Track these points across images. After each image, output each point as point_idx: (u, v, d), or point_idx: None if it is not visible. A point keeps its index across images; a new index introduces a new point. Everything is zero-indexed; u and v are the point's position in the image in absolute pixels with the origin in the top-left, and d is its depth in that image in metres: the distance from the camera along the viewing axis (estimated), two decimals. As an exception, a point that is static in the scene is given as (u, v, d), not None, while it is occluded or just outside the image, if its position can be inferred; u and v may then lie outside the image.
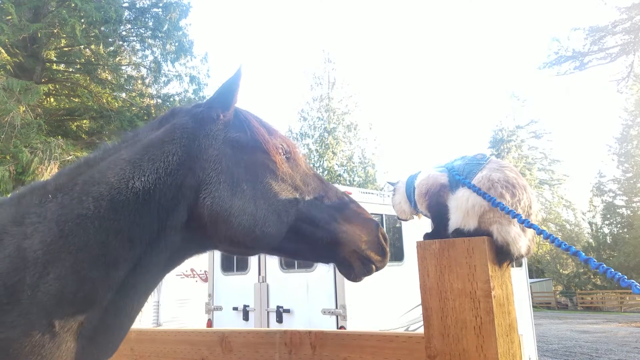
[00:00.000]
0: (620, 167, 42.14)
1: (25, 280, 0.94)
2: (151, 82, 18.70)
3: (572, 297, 38.79)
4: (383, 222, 6.63)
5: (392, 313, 6.27)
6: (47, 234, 1.00)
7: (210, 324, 7.34)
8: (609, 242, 41.51)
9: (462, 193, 1.17)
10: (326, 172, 32.28)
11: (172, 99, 17.93)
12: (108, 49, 17.24)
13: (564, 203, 49.69)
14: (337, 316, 5.79)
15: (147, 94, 18.59)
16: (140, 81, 18.77)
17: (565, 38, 24.16)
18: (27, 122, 12.85)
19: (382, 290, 6.22)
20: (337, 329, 5.55)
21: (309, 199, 1.33)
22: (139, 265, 1.10)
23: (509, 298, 1.13)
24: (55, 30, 14.88)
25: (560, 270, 45.47)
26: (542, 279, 43.25)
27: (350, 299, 5.77)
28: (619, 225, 41.64)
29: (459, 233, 1.14)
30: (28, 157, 12.25)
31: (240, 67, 1.30)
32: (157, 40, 17.61)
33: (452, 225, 1.17)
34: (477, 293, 1.06)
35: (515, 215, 1.03)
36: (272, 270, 6.76)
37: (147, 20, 17.64)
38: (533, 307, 10.72)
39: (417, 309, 6.29)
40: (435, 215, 1.26)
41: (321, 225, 1.31)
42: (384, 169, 35.69)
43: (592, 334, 18.21)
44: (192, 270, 10.92)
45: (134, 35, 18.16)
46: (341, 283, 5.80)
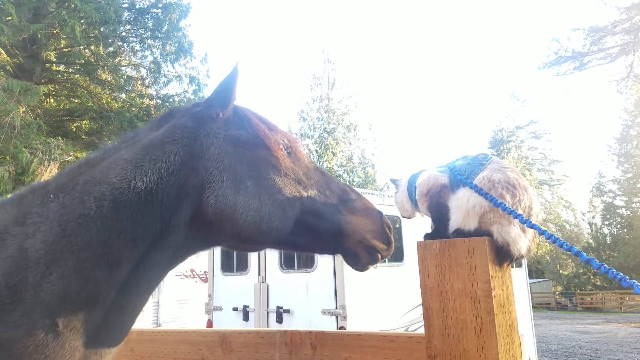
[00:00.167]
0: (620, 167, 42.18)
1: (27, 280, 0.95)
2: (151, 82, 18.69)
3: (572, 298, 38.80)
4: (383, 222, 6.61)
5: (392, 313, 6.27)
6: (49, 233, 1.00)
7: (210, 324, 7.33)
8: (608, 242, 41.53)
9: (462, 193, 1.17)
10: (326, 173, 32.20)
11: (171, 100, 17.91)
12: (108, 50, 17.25)
13: (563, 203, 49.72)
14: (337, 316, 5.79)
15: (146, 95, 18.58)
16: (139, 82, 18.75)
17: (565, 38, 24.27)
18: (27, 122, 12.84)
19: (382, 290, 6.22)
20: (337, 329, 5.55)
21: (313, 192, 1.34)
22: (141, 263, 1.10)
23: (509, 298, 1.13)
24: (55, 31, 14.87)
25: (560, 270, 45.49)
26: (541, 279, 43.25)
27: (350, 300, 5.76)
28: (619, 226, 41.65)
29: (460, 233, 1.14)
30: (28, 157, 12.24)
31: (236, 65, 1.30)
32: (156, 40, 17.59)
33: (453, 225, 1.17)
34: (477, 293, 1.06)
35: (517, 216, 1.03)
36: (272, 271, 6.75)
37: (146, 20, 17.63)
38: (533, 307, 10.73)
39: (417, 309, 6.28)
40: (435, 216, 1.27)
41: (326, 217, 1.32)
42: (383, 170, 35.74)
43: (592, 335, 18.22)
44: (192, 270, 10.92)
45: (133, 35, 18.15)
46: (341, 283, 5.80)
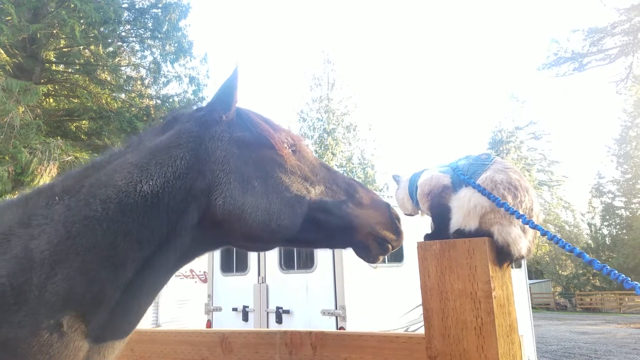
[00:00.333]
0: (619, 168, 42.20)
1: (32, 281, 0.95)
2: (150, 82, 18.65)
3: (571, 298, 38.80)
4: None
5: (392, 314, 6.27)
6: (53, 235, 1.01)
7: (209, 324, 7.32)
8: (608, 243, 41.51)
9: (464, 193, 1.17)
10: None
11: (171, 100, 17.89)
12: (107, 50, 17.22)
13: (563, 204, 49.76)
14: (336, 317, 5.79)
15: (146, 95, 18.55)
16: (139, 82, 18.72)
17: (564, 39, 24.29)
18: (26, 122, 12.81)
19: (382, 291, 6.22)
20: (337, 329, 5.55)
21: (320, 188, 1.35)
22: (147, 265, 1.11)
23: (509, 299, 1.13)
24: (55, 31, 14.85)
25: (560, 271, 45.51)
26: (541, 280, 43.24)
27: (349, 300, 5.76)
28: (618, 227, 41.66)
29: (460, 234, 1.14)
30: (27, 157, 12.22)
31: (236, 67, 1.31)
32: (156, 41, 17.56)
33: (454, 225, 1.17)
34: (477, 294, 1.06)
35: (520, 216, 1.04)
36: (272, 271, 6.75)
37: (146, 21, 17.59)
38: (532, 308, 10.73)
39: (417, 309, 6.28)
40: (436, 216, 1.27)
41: (334, 212, 1.33)
42: (383, 170, 35.79)
43: (591, 335, 18.22)
44: (192, 271, 10.92)
45: (133, 36, 18.12)
46: (341, 284, 5.79)
